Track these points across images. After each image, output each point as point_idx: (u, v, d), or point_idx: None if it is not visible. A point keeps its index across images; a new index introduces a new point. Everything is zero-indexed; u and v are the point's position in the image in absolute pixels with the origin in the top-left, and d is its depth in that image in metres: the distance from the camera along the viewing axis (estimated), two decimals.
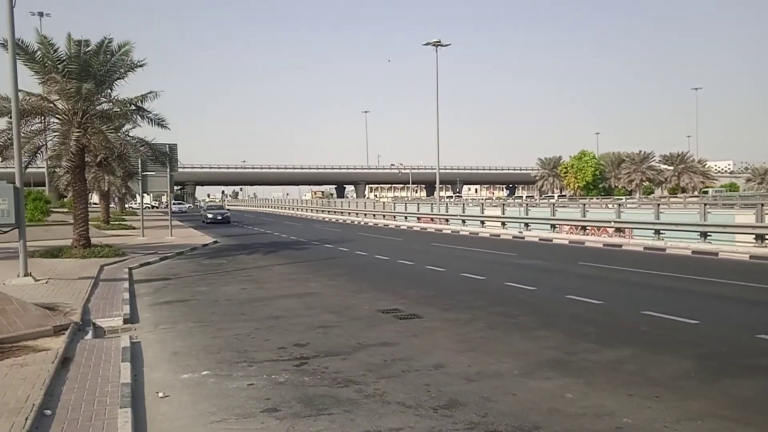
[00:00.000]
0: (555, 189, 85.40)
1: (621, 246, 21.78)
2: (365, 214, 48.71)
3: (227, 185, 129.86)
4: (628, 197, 65.88)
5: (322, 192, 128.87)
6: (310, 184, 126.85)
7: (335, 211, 56.53)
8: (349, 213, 52.65)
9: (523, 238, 26.61)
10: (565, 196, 74.99)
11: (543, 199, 71.02)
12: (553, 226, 27.54)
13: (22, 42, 18.08)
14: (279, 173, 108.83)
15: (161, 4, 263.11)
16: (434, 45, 43.73)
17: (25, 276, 13.13)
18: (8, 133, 18.23)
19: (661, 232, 22.35)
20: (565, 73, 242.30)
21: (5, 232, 13.79)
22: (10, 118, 17.56)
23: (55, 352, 7.22)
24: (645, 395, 5.84)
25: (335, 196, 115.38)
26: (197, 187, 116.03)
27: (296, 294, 12.50)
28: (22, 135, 16.81)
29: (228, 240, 28.32)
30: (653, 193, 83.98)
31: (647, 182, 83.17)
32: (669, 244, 21.00)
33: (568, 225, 27.07)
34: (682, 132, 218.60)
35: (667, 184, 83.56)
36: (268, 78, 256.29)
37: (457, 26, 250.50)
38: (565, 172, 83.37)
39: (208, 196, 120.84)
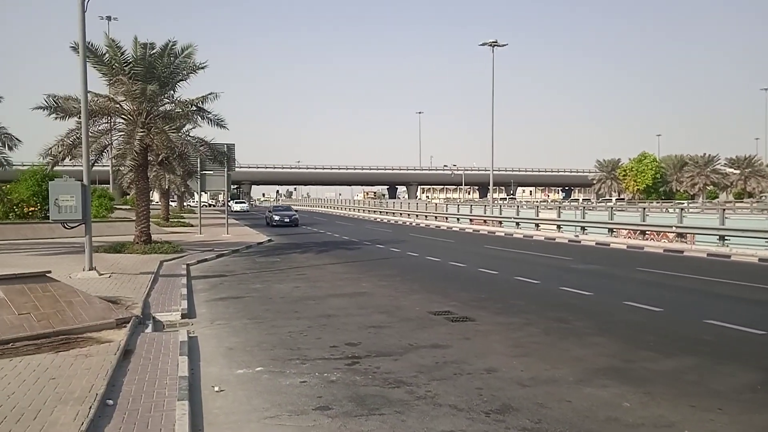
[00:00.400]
0: (613, 192, 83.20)
1: (682, 252, 21.01)
2: (417, 215, 48.64)
3: (281, 185, 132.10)
4: (690, 201, 63.61)
5: (374, 192, 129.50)
6: (362, 185, 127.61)
7: (387, 212, 56.69)
8: (400, 214, 52.70)
9: (579, 242, 26.01)
10: (623, 199, 73.00)
11: (600, 202, 69.33)
12: (611, 230, 26.81)
13: (92, 45, 18.86)
14: (332, 173, 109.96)
15: (218, 9, 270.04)
16: (491, 45, 43.27)
17: (90, 270, 13.67)
18: (77, 133, 19.08)
19: (725, 238, 21.44)
20: (625, 72, 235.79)
21: (73, 227, 14.42)
22: (79, 118, 18.43)
23: (118, 344, 7.49)
24: (707, 407, 5.60)
25: (387, 196, 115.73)
26: (252, 186, 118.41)
27: (348, 293, 12.59)
28: (90, 135, 17.52)
29: (282, 239, 28.78)
30: (717, 197, 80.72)
31: (711, 186, 80.00)
32: (734, 250, 20.12)
33: (626, 229, 26.30)
34: (749, 134, 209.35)
35: (732, 188, 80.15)
36: (323, 79, 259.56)
37: (513, 25, 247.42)
38: (623, 175, 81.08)
39: (263, 195, 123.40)
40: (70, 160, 20.29)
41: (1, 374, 6.14)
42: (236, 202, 77.40)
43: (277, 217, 41.52)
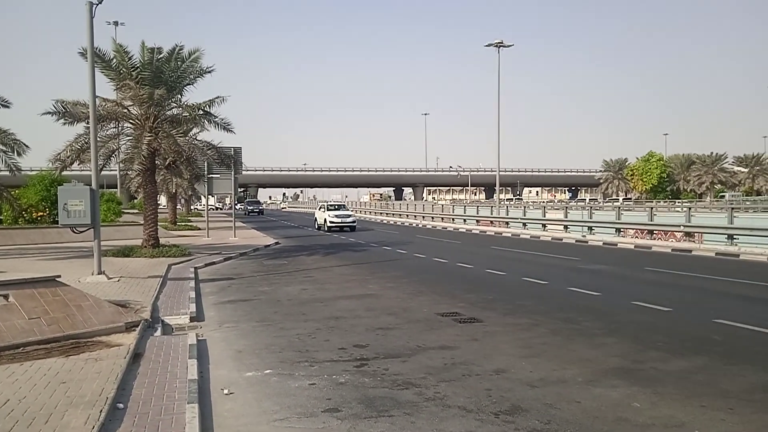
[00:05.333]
0: (620, 192, 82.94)
1: (691, 251, 20.91)
2: (423, 217, 48.62)
3: (288, 187, 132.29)
4: (698, 200, 63.29)
5: (380, 194, 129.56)
6: (368, 187, 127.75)
7: (393, 213, 56.69)
8: (407, 215, 52.69)
9: (587, 242, 25.94)
10: (630, 199, 72.71)
11: (607, 202, 69.11)
12: (618, 230, 26.73)
13: (99, 51, 18.97)
14: (338, 175, 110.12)
15: (224, 10, 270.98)
16: (496, 46, 43.23)
17: (98, 274, 13.74)
18: (85, 138, 19.19)
19: (734, 237, 21.33)
20: (631, 71, 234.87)
21: (82, 231, 14.50)
22: (87, 123, 18.53)
23: (127, 347, 7.53)
24: (718, 407, 5.58)
25: (393, 198, 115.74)
26: (259, 189, 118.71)
27: (356, 295, 12.60)
28: (98, 139, 17.61)
29: (289, 241, 28.84)
30: (725, 196, 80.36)
31: (719, 185, 79.60)
32: (743, 249, 20.01)
33: (633, 229, 26.22)
34: (757, 132, 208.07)
35: (740, 186, 79.70)
36: (329, 81, 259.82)
37: (518, 26, 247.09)
38: (630, 175, 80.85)
39: (270, 197, 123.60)
40: (79, 164, 20.39)
41: (12, 378, 6.18)
42: (249, 204, 77.30)
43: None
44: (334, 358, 7.62)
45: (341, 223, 34.28)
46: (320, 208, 39.22)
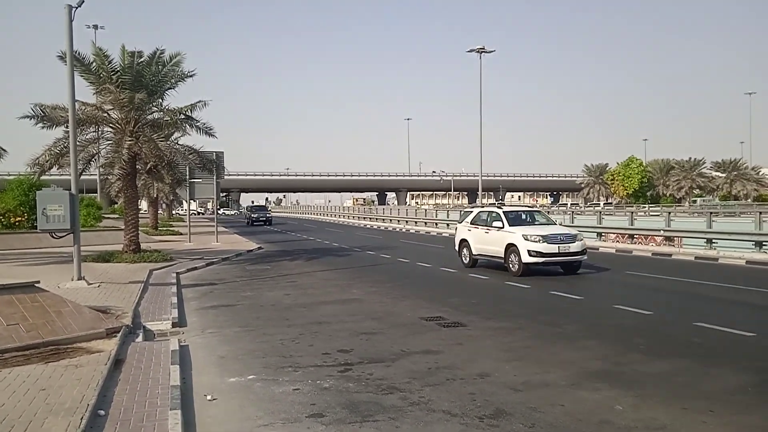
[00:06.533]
0: (601, 196, 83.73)
1: (671, 255, 21.17)
2: (407, 221, 48.69)
3: (271, 192, 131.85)
4: (677, 205, 64.15)
5: (364, 199, 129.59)
6: (351, 191, 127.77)
7: (376, 218, 56.69)
8: (390, 220, 52.73)
9: None
10: (611, 203, 73.44)
11: (588, 206, 69.78)
12: (600, 235, 26.98)
13: (79, 54, 18.76)
14: (321, 180, 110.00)
15: (206, 15, 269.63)
16: (478, 52, 43.50)
17: (78, 280, 13.56)
18: (64, 142, 18.96)
19: (713, 241, 21.64)
20: (611, 77, 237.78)
21: (61, 237, 14.31)
22: (67, 127, 18.30)
23: (108, 354, 7.43)
24: (699, 409, 5.64)
25: (377, 203, 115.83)
26: (242, 193, 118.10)
27: (339, 300, 12.57)
28: (78, 143, 17.40)
29: (272, 246, 28.70)
30: (696, 201, 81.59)
31: (698, 190, 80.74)
32: (722, 253, 20.31)
33: (614, 233, 26.48)
34: (734, 138, 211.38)
35: (718, 191, 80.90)
36: (311, 86, 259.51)
37: (500, 30, 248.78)
38: (611, 180, 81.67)
39: (252, 202, 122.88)
40: (58, 169, 20.12)
41: None
42: (252, 209, 73.76)
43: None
44: (318, 363, 7.59)
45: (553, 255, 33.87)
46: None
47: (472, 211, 19.20)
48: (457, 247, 18.62)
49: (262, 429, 5.38)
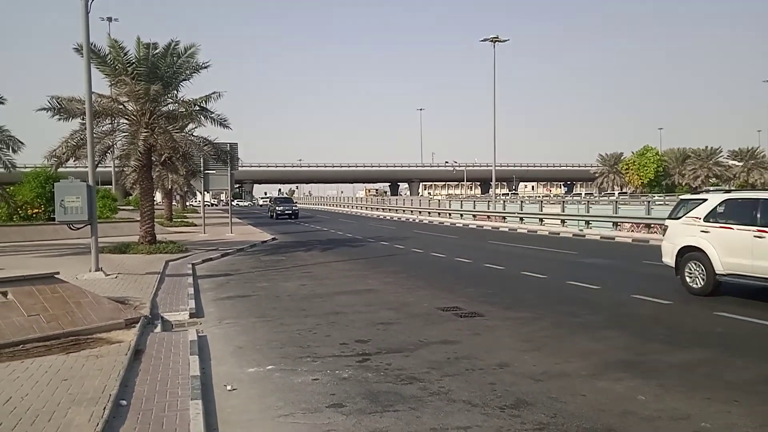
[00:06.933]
0: (615, 186, 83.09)
1: None
2: (420, 212, 48.62)
3: (284, 183, 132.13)
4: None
5: (376, 190, 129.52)
6: (364, 182, 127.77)
7: (389, 209, 56.67)
8: (403, 210, 52.69)
9: (584, 236, 25.95)
10: (626, 193, 72.82)
11: (603, 196, 69.29)
12: (615, 224, 26.77)
13: (95, 46, 18.80)
14: (333, 171, 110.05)
15: (216, 2, 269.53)
16: (492, 41, 43.14)
17: (96, 271, 13.66)
18: (81, 134, 19.06)
19: None
20: (626, 65, 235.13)
21: (79, 228, 14.42)
22: (83, 119, 18.40)
23: (128, 344, 7.48)
24: (723, 399, 5.58)
25: (389, 193, 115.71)
26: (254, 185, 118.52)
27: (354, 291, 12.57)
28: (94, 135, 17.48)
29: (286, 237, 28.77)
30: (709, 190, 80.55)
31: (714, 179, 79.86)
32: None
33: (630, 223, 26.26)
34: (752, 127, 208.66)
35: (735, 180, 79.98)
36: (323, 76, 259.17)
37: (514, 19, 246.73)
38: (626, 169, 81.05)
39: (265, 193, 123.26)
40: (74, 161, 20.25)
41: (14, 376, 6.13)
42: (277, 201, 68.21)
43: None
44: (336, 353, 7.59)
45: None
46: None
47: (706, 199, 11.39)
48: (671, 259, 11.70)
49: (282, 419, 5.39)
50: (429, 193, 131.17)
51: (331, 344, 8.04)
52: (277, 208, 49.95)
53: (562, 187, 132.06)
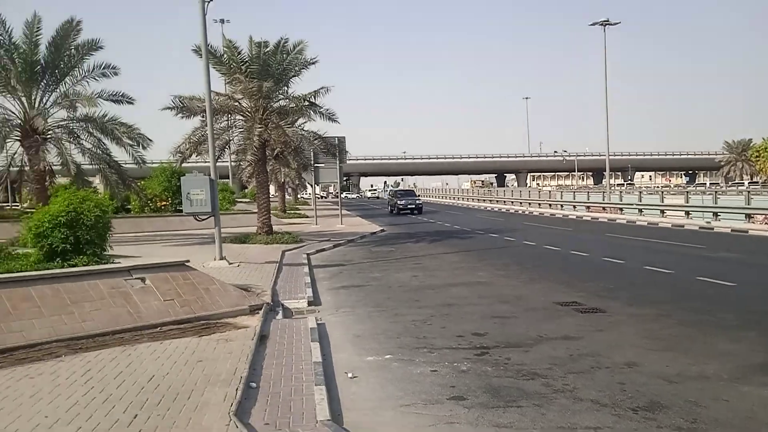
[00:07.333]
0: (744, 175, 76.70)
1: None
2: (528, 203, 47.37)
3: (389, 176, 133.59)
4: None
5: (482, 181, 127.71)
6: (469, 174, 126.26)
7: (496, 200, 55.67)
8: (511, 202, 51.56)
9: (712, 228, 24.14)
10: (757, 183, 67.01)
11: (730, 186, 64.25)
12: (749, 216, 24.68)
13: (211, 47, 19.85)
14: (438, 163, 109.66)
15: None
16: (602, 24, 41.02)
17: (220, 259, 14.44)
18: (201, 131, 20.23)
19: None
20: (752, 42, 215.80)
21: (203, 219, 15.31)
22: (203, 117, 19.55)
23: (253, 329, 7.83)
24: None
25: (495, 185, 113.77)
26: (361, 177, 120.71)
27: (466, 282, 12.43)
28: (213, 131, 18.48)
29: (394, 228, 29.04)
30: None
31: None
32: None
33: (765, 215, 24.10)
34: None
35: None
36: (426, 67, 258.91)
37: (625, 3, 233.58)
38: (756, 156, 74.48)
39: (371, 186, 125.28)
40: (196, 156, 21.53)
41: (155, 356, 6.61)
42: (397, 193, 62.45)
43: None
44: (452, 345, 7.53)
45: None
46: None
47: None
48: None
49: (404, 408, 5.40)
50: (537, 184, 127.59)
51: (447, 336, 7.99)
52: (398, 202, 43.44)
53: (683, 176, 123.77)
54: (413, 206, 42.32)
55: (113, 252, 11.35)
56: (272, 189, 54.77)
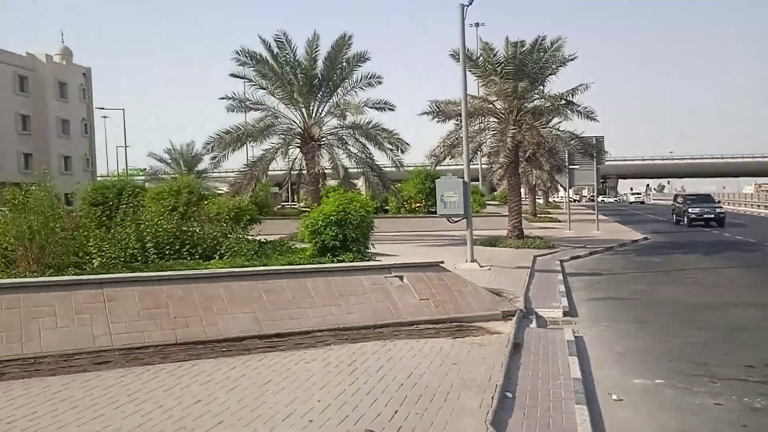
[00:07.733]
0: None
1: None
2: None
3: (651, 178, 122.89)
4: None
5: None
6: (752, 176, 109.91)
7: None
8: None
9: None
10: None
11: None
12: None
13: (468, 51, 20.15)
14: (712, 164, 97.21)
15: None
16: None
17: (471, 262, 14.52)
18: (456, 134, 20.71)
19: None
20: None
21: (456, 221, 15.58)
22: (457, 120, 19.98)
23: (507, 336, 7.60)
24: None
25: None
26: (619, 180, 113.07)
27: (755, 304, 10.61)
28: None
29: (658, 237, 26.38)
30: None
31: None
32: None
33: None
34: None
35: None
36: (696, 61, 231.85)
37: None
38: None
39: (631, 189, 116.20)
40: (450, 159, 22.12)
41: (412, 353, 6.77)
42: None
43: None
44: (741, 376, 6.40)
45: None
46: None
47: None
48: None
49: None
50: None
51: (733, 365, 6.84)
52: (689, 210, 33.01)
53: None
54: (711, 216, 32.29)
55: (374, 250, 12.11)
56: (522, 192, 54.16)
